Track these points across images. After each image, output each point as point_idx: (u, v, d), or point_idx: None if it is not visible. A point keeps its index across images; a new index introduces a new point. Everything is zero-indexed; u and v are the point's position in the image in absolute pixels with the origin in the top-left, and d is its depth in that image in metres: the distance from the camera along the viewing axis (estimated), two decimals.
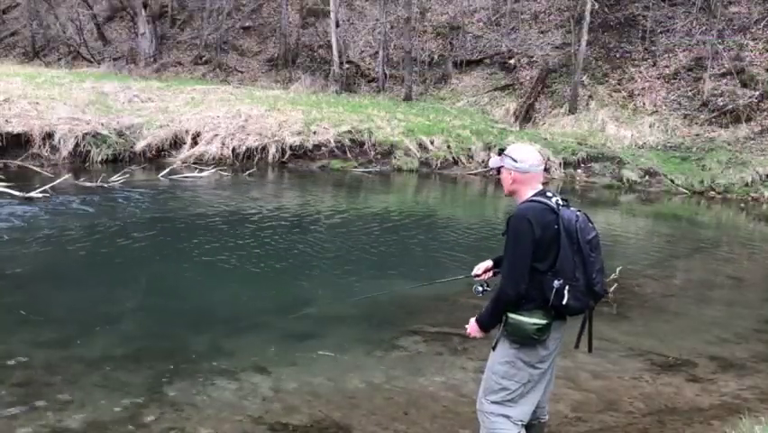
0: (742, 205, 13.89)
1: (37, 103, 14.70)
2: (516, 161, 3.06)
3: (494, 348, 3.13)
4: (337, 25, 22.43)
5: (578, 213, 2.99)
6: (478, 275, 3.44)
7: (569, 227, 2.92)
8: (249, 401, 4.18)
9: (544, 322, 2.94)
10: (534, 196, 3.03)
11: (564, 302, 2.89)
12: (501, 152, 3.17)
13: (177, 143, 14.88)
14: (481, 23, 23.87)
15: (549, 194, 3.03)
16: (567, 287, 2.89)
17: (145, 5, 25.79)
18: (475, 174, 15.55)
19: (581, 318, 3.12)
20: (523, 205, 3.03)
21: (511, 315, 3.00)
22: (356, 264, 7.56)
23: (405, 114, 17.76)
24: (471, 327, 3.16)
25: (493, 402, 3.09)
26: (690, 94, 18.41)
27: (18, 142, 13.29)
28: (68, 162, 13.39)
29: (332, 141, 15.31)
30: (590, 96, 19.25)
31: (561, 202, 3.01)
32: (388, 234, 9.09)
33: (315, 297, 6.44)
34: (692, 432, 4.08)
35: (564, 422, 4.10)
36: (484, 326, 3.11)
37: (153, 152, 14.60)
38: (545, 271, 2.92)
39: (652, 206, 13.46)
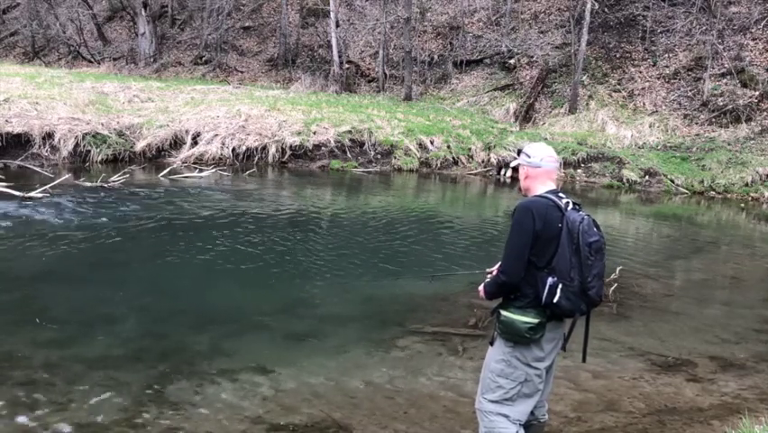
0: (742, 205, 13.89)
1: (37, 103, 14.70)
2: (528, 156, 3.18)
3: (491, 344, 3.17)
4: (337, 25, 22.44)
5: (585, 216, 3.01)
6: (491, 272, 3.45)
7: (572, 228, 2.95)
8: (249, 401, 4.18)
9: (536, 321, 2.96)
10: (545, 193, 3.08)
11: (555, 300, 2.91)
12: (520, 152, 3.27)
13: (177, 143, 14.87)
14: (481, 23, 23.89)
15: (561, 194, 3.08)
16: (560, 285, 2.91)
17: (145, 5, 25.79)
18: (475, 174, 15.55)
19: (582, 322, 3.13)
20: (530, 198, 3.09)
21: (503, 312, 3.04)
22: (357, 264, 7.55)
23: (405, 114, 17.76)
24: (480, 289, 3.24)
25: (491, 401, 3.10)
26: (690, 94, 18.42)
27: (18, 142, 13.30)
28: (68, 162, 13.39)
29: (332, 141, 15.31)
30: (590, 96, 19.25)
31: (571, 204, 3.04)
32: (389, 234, 9.09)
33: (315, 297, 6.44)
34: (692, 432, 4.08)
35: (564, 422, 4.10)
36: (487, 294, 3.18)
37: (153, 152, 14.60)
38: (542, 267, 2.96)
39: (652, 206, 13.45)
